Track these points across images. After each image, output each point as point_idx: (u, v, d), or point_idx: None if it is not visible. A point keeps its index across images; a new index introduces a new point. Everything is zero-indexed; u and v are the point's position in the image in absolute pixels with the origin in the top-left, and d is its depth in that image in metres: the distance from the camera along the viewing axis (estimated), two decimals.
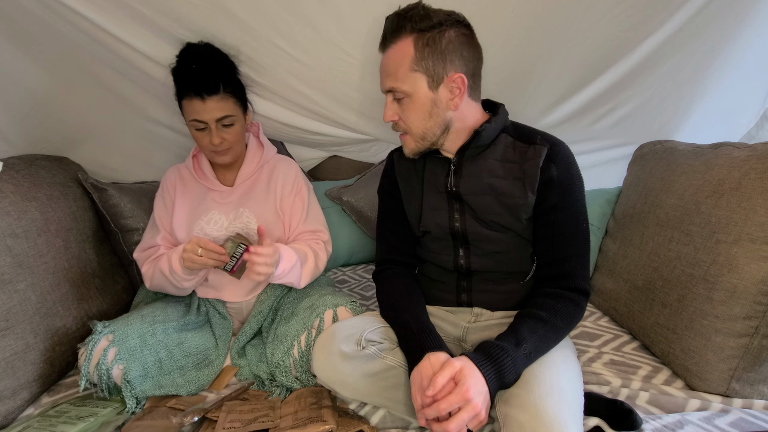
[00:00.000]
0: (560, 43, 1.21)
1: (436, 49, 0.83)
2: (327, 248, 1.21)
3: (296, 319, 1.05)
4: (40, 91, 1.19)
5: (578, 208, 0.89)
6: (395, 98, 0.89)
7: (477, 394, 0.72)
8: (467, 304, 0.99)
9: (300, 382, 1.01)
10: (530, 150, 0.89)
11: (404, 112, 0.89)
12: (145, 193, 1.40)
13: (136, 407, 0.94)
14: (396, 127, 0.93)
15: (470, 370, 0.74)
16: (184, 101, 1.06)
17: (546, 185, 0.87)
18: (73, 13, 1.01)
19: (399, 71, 0.85)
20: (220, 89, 1.04)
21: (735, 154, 0.97)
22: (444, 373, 0.74)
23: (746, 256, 0.87)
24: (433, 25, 0.83)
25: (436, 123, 0.88)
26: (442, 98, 0.86)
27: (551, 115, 1.46)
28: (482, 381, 0.73)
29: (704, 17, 1.17)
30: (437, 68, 0.84)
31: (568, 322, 0.85)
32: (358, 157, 1.79)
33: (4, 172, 1.09)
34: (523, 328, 0.81)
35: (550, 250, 0.90)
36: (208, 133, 1.07)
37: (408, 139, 0.93)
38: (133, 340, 0.97)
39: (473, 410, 0.71)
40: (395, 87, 0.86)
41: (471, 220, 0.94)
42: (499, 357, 0.76)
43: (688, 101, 1.43)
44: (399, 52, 0.85)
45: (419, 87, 0.85)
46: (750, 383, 0.89)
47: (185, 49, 1.10)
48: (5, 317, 0.96)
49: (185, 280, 1.06)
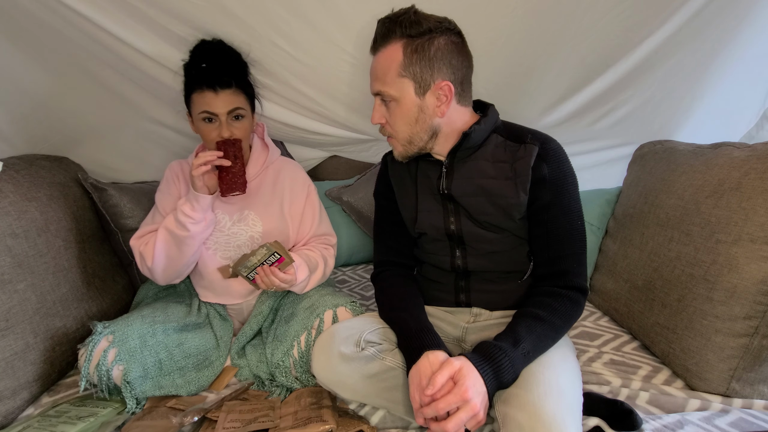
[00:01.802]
0: (560, 43, 1.21)
1: (424, 56, 0.82)
2: (334, 252, 1.23)
3: (296, 320, 1.05)
4: (40, 91, 1.19)
5: (572, 206, 0.88)
6: (383, 101, 0.89)
7: (476, 395, 0.72)
8: (466, 304, 0.99)
9: (300, 382, 1.01)
10: (521, 149, 0.88)
11: (391, 117, 0.89)
12: (145, 193, 1.40)
13: (136, 407, 0.94)
14: (383, 130, 0.93)
15: (469, 370, 0.74)
16: (194, 94, 1.05)
17: (538, 184, 0.87)
18: (73, 12, 1.01)
19: (387, 75, 0.85)
20: (233, 84, 1.05)
21: (735, 154, 0.97)
22: (443, 372, 0.74)
23: (746, 256, 0.87)
24: (423, 31, 0.82)
25: (422, 129, 0.88)
26: (429, 105, 0.86)
27: (551, 115, 1.46)
28: (481, 381, 0.74)
29: (704, 17, 1.17)
30: (425, 75, 0.84)
31: (566, 320, 0.85)
32: (358, 157, 1.79)
33: (4, 172, 1.09)
34: (521, 328, 0.81)
35: (545, 248, 0.90)
36: (217, 126, 1.06)
37: (395, 143, 0.93)
38: (133, 340, 0.96)
39: (471, 410, 0.71)
40: (382, 91, 0.87)
41: (466, 221, 0.94)
42: (497, 357, 0.76)
43: (688, 101, 1.43)
44: (388, 56, 0.85)
45: (406, 92, 0.85)
46: (750, 383, 0.89)
47: (199, 45, 1.11)
48: (5, 317, 0.96)
49: (192, 221, 1.03)
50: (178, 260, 1.07)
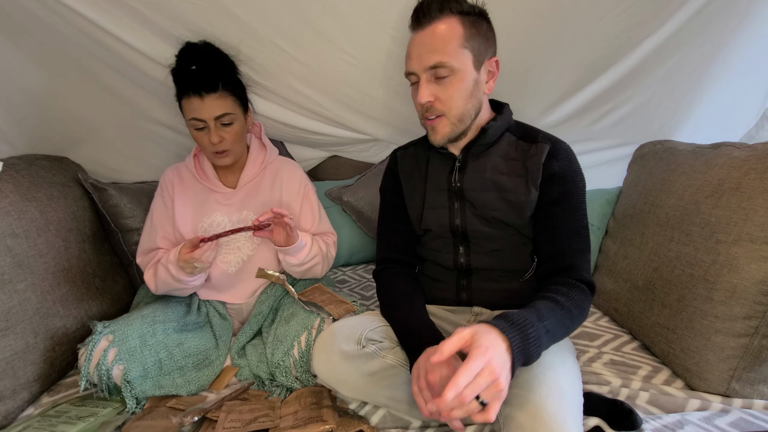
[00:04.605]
0: (560, 42, 1.22)
1: (480, 30, 0.86)
2: (335, 243, 1.24)
3: (296, 320, 1.05)
4: (40, 91, 1.19)
5: (579, 204, 0.89)
6: (437, 77, 0.86)
7: (497, 357, 0.63)
8: (467, 303, 0.99)
9: (300, 382, 1.00)
10: (532, 148, 0.91)
11: (446, 91, 0.87)
12: (145, 193, 1.40)
13: (136, 407, 0.94)
14: (431, 110, 0.89)
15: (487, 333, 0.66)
16: (183, 101, 1.06)
17: (548, 180, 0.88)
18: (73, 12, 1.01)
19: (449, 46, 0.84)
20: (218, 87, 1.04)
21: (735, 154, 0.97)
22: (452, 339, 0.65)
23: (746, 256, 0.87)
24: (473, 10, 0.87)
25: (473, 105, 0.89)
26: (482, 79, 0.89)
27: (551, 115, 1.46)
28: (503, 346, 0.65)
29: (704, 17, 1.17)
30: (481, 48, 0.87)
31: (581, 311, 0.82)
32: (358, 157, 1.79)
33: (4, 172, 1.09)
34: (542, 307, 0.76)
35: (551, 243, 0.90)
36: (207, 132, 1.06)
37: (443, 123, 0.90)
38: (133, 340, 0.97)
39: (491, 375, 0.61)
40: (444, 61, 0.84)
41: (471, 217, 0.94)
42: (524, 326, 0.69)
43: (688, 101, 1.43)
44: (447, 28, 0.85)
45: (466, 65, 0.86)
46: (750, 383, 0.89)
47: (184, 49, 1.10)
48: (5, 317, 0.96)
49: (189, 280, 1.07)
50: (180, 293, 1.12)
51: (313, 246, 1.13)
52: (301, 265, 1.12)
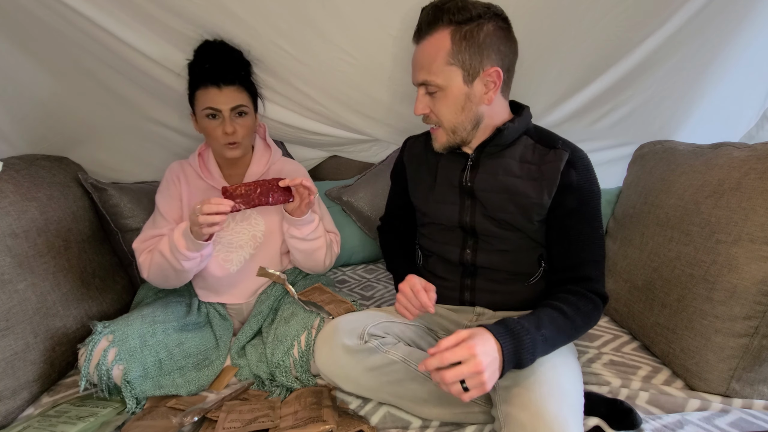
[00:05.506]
0: (560, 42, 1.21)
1: (473, 42, 0.82)
2: (338, 241, 1.25)
3: (296, 319, 1.05)
4: (40, 91, 1.19)
5: (596, 215, 0.89)
6: (428, 92, 0.88)
7: (484, 354, 0.68)
8: (470, 303, 0.99)
9: (300, 382, 1.00)
10: (550, 153, 0.89)
11: (436, 106, 0.88)
12: (145, 193, 1.40)
13: (136, 407, 0.94)
14: (427, 119, 0.92)
15: (481, 333, 0.71)
16: (198, 91, 1.06)
17: (564, 190, 0.87)
18: (73, 12, 1.01)
19: (433, 64, 0.84)
20: (236, 81, 1.07)
21: (735, 154, 0.97)
22: (450, 337, 0.71)
23: (746, 256, 0.87)
24: (471, 17, 0.82)
25: (467, 117, 0.88)
26: (477, 92, 0.86)
27: (551, 115, 1.46)
28: (493, 347, 0.70)
29: (704, 17, 1.17)
30: (474, 62, 0.83)
31: (586, 321, 0.83)
32: (358, 157, 1.79)
33: (4, 172, 1.08)
34: (544, 316, 0.79)
35: (565, 254, 0.90)
36: (221, 122, 1.07)
37: (440, 133, 0.92)
38: (133, 340, 0.96)
39: (475, 366, 0.66)
40: (428, 80, 0.85)
41: (481, 217, 0.94)
42: (519, 333, 0.73)
43: (688, 101, 1.43)
44: (434, 44, 0.84)
45: (454, 81, 0.85)
46: (750, 383, 0.89)
47: (203, 45, 1.12)
48: (5, 317, 0.96)
49: (186, 259, 1.01)
50: (174, 281, 1.08)
51: (319, 226, 1.13)
52: (304, 241, 1.11)
